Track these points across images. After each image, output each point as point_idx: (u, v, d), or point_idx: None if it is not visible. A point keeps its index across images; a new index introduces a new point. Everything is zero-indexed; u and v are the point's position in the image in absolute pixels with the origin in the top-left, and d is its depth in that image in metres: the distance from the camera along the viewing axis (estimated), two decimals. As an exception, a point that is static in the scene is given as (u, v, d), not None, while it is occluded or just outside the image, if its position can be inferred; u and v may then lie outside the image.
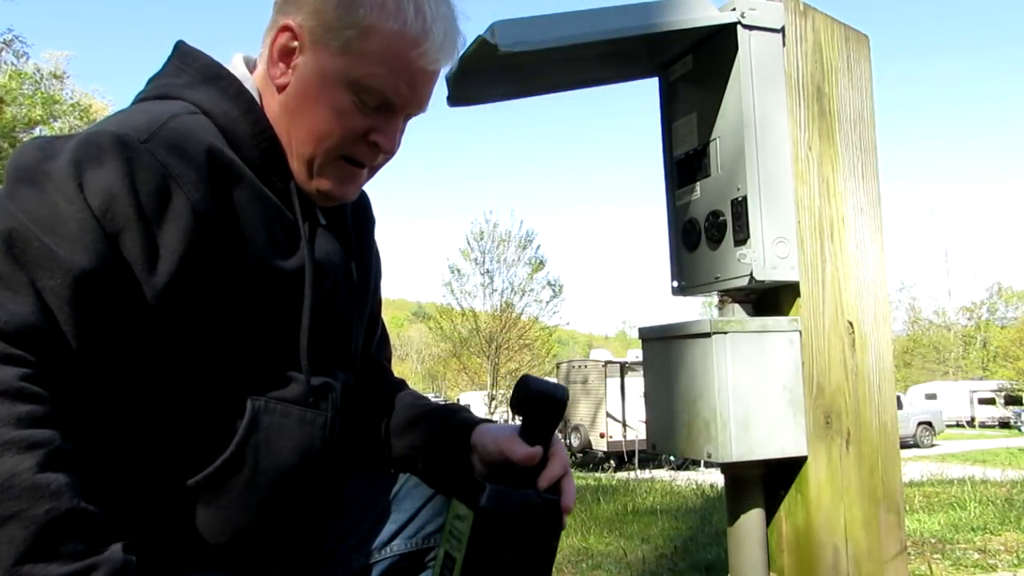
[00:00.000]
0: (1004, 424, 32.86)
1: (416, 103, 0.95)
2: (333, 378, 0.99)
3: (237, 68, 0.96)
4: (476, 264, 24.87)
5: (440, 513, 1.02)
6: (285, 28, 0.89)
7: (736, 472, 1.33)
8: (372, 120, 0.93)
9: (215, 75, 0.91)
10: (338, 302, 1.01)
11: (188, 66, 0.93)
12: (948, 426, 28.36)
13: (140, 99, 0.92)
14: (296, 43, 0.90)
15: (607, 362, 20.17)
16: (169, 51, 0.97)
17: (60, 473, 0.64)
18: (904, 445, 19.35)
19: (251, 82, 0.94)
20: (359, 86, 0.91)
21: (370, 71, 0.90)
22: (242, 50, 1.00)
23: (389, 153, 0.97)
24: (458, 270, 24.93)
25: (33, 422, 0.64)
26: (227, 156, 0.85)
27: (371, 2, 0.88)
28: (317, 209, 0.98)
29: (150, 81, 0.95)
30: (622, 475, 12.25)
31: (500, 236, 26.05)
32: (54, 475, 0.64)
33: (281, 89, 0.92)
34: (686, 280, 1.43)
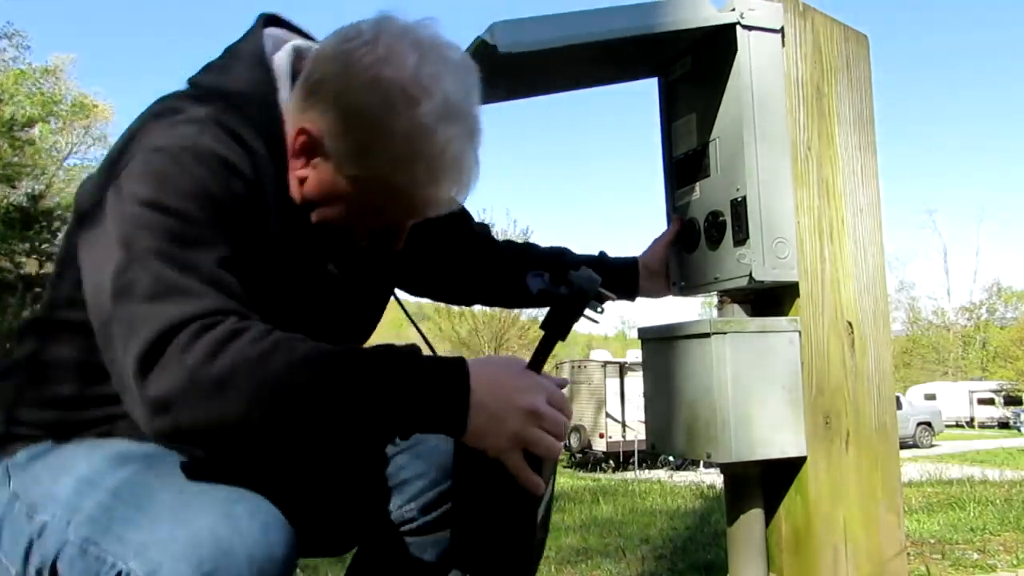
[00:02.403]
0: (1003, 424, 32.88)
1: (420, 219, 1.00)
2: None
3: (281, 68, 0.98)
4: (475, 264, 24.81)
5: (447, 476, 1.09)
6: (304, 131, 0.92)
7: (735, 472, 1.33)
8: (382, 227, 0.99)
9: (261, 80, 0.95)
10: (347, 295, 1.05)
11: (246, 61, 0.97)
12: (947, 426, 28.38)
13: (191, 82, 0.97)
14: (314, 148, 0.93)
15: (607, 362, 20.17)
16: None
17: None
18: (904, 445, 19.36)
19: (284, 93, 0.96)
20: (374, 210, 0.96)
21: (388, 205, 0.95)
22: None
23: (396, 251, 1.03)
24: (457, 270, 24.88)
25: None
26: (256, 149, 0.91)
27: (384, 155, 0.90)
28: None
29: (223, 54, 0.99)
30: (621, 475, 12.24)
31: (496, 236, 25.99)
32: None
33: (301, 180, 0.96)
34: (685, 280, 1.44)
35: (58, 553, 0.80)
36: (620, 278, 1.44)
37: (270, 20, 1.01)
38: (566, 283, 0.87)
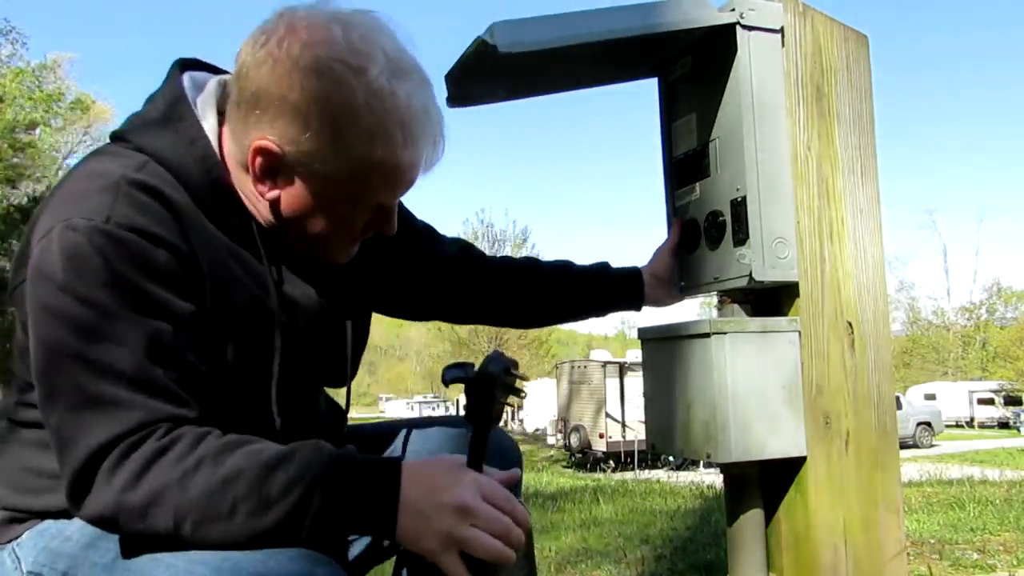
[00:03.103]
0: (1003, 424, 32.87)
1: (408, 190, 0.96)
2: (312, 411, 1.03)
3: (207, 103, 0.93)
4: (474, 264, 24.87)
5: None
6: (263, 149, 0.87)
7: (735, 472, 1.33)
8: (369, 217, 0.95)
9: (179, 117, 0.91)
10: (318, 333, 1.01)
11: (160, 104, 0.93)
12: (947, 426, 28.37)
13: (113, 136, 0.93)
14: (277, 163, 0.88)
15: (607, 362, 20.17)
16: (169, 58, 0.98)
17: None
18: (903, 445, 19.35)
19: (212, 124, 0.91)
20: (355, 202, 0.92)
21: (365, 192, 0.91)
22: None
23: (390, 235, 0.99)
24: (457, 270, 24.93)
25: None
26: (178, 202, 0.86)
27: (357, 132, 0.86)
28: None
29: (144, 103, 0.95)
30: (621, 475, 12.24)
31: (495, 236, 26.03)
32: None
33: (273, 202, 0.91)
34: (685, 280, 1.44)
35: None
36: (623, 288, 1.44)
37: (187, 64, 0.97)
38: (478, 371, 0.84)
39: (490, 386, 0.82)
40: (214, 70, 1.00)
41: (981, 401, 34.45)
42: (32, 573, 0.86)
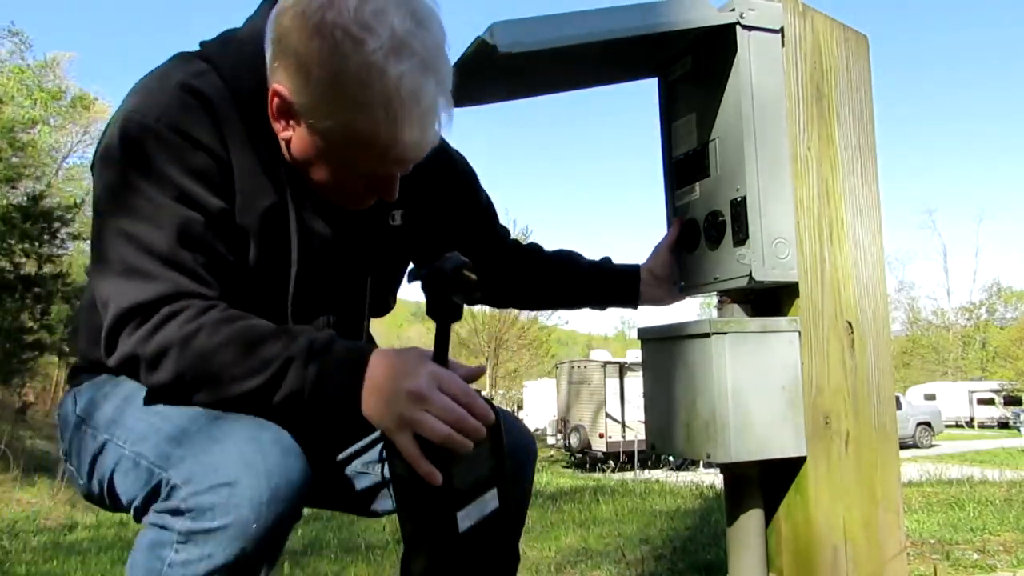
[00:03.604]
0: (1003, 424, 32.86)
1: (407, 167, 1.01)
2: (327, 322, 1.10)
3: (269, 28, 0.98)
4: (474, 264, 24.89)
5: None
6: (275, 93, 0.95)
7: (735, 472, 1.33)
8: (367, 181, 1.01)
9: (250, 42, 0.99)
10: (334, 264, 1.09)
11: (244, 27, 1.03)
12: (947, 426, 28.38)
13: (203, 43, 1.03)
14: (288, 108, 0.96)
15: (606, 362, 20.16)
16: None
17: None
18: (903, 445, 19.35)
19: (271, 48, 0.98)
20: (347, 164, 0.98)
21: (353, 157, 0.97)
22: None
23: (390, 201, 1.05)
24: (457, 270, 24.94)
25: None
26: (224, 112, 0.96)
27: (349, 101, 0.90)
28: None
29: (227, 37, 1.04)
30: (621, 475, 12.24)
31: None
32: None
33: (286, 141, 1.00)
34: (685, 281, 1.44)
35: (115, 466, 0.95)
36: (620, 285, 1.45)
37: None
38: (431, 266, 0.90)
39: (442, 282, 0.87)
40: None
41: (981, 401, 34.45)
42: (79, 416, 1.03)
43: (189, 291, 0.92)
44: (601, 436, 18.40)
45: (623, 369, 18.81)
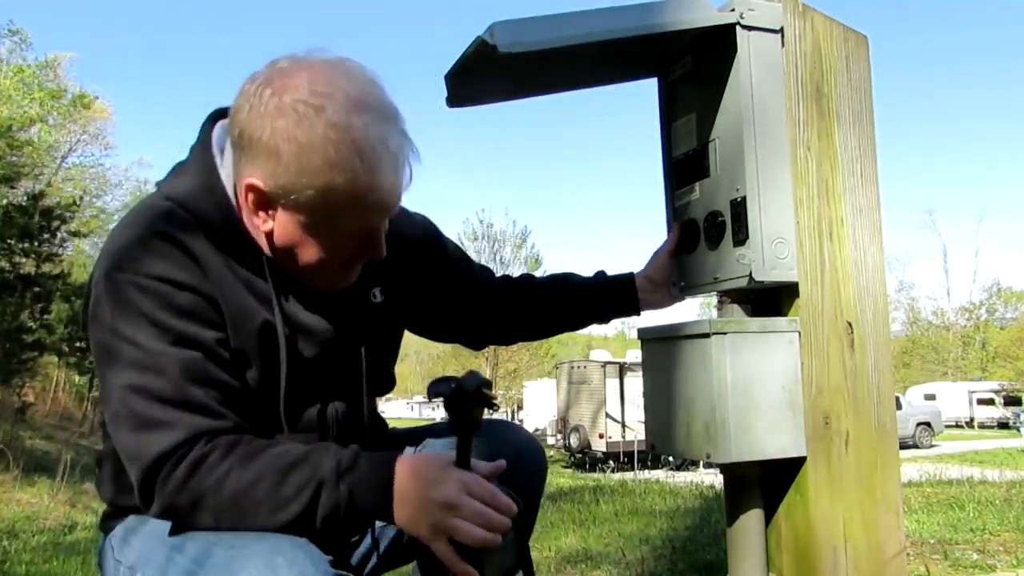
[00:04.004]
0: (1003, 425, 32.86)
1: (390, 214, 1.04)
2: (327, 421, 1.12)
3: (220, 146, 1.05)
4: (473, 264, 24.87)
5: None
6: (252, 186, 0.98)
7: (735, 472, 1.33)
8: (355, 244, 1.03)
9: (202, 166, 1.04)
10: (329, 354, 1.11)
11: (190, 155, 1.07)
12: (947, 427, 28.37)
13: (158, 185, 1.07)
14: (264, 198, 0.99)
15: (606, 362, 20.16)
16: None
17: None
18: (903, 446, 19.34)
19: (227, 168, 1.04)
20: (333, 230, 1.01)
21: (339, 220, 0.99)
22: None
23: (379, 258, 1.08)
24: (456, 270, 24.93)
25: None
26: (196, 247, 1.00)
27: (320, 164, 0.94)
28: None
29: (177, 171, 1.08)
30: (621, 475, 12.24)
31: (495, 236, 26.02)
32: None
33: (267, 234, 1.03)
34: (685, 281, 1.43)
35: None
36: (617, 296, 1.46)
37: (220, 114, 1.08)
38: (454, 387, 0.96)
39: (465, 401, 0.92)
40: None
41: (981, 401, 34.44)
42: (116, 560, 1.05)
43: (206, 429, 0.95)
44: (601, 436, 18.39)
45: (623, 369, 18.80)
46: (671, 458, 14.32)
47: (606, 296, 1.46)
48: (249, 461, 0.93)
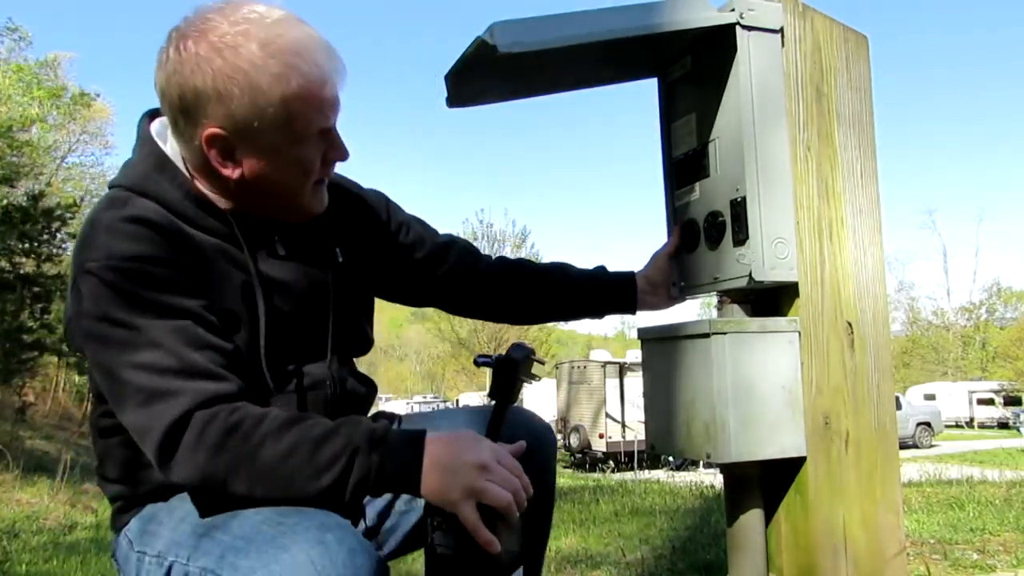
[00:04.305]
0: (1003, 425, 32.85)
1: (339, 106, 1.07)
2: (303, 376, 1.13)
3: (168, 135, 1.08)
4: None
5: None
6: (211, 137, 1.00)
7: (735, 472, 1.33)
8: (322, 149, 1.07)
9: (148, 153, 1.07)
10: (305, 308, 1.14)
11: (135, 150, 1.10)
12: (947, 427, 28.36)
13: (110, 185, 1.08)
14: (227, 143, 1.01)
15: (606, 362, 20.16)
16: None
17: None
18: (903, 446, 19.34)
19: (175, 150, 1.07)
20: (301, 138, 1.03)
21: (303, 124, 1.03)
22: None
23: (346, 159, 1.11)
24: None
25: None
26: (162, 223, 1.01)
27: (269, 79, 0.98)
28: (275, 236, 1.12)
29: (124, 166, 1.10)
30: (621, 475, 12.24)
31: (495, 236, 26.03)
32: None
33: (238, 181, 1.05)
34: (684, 281, 1.44)
35: None
36: (617, 292, 1.47)
37: (155, 113, 1.12)
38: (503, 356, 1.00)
39: (513, 368, 0.96)
40: None
41: (981, 401, 34.43)
42: (138, 552, 1.04)
43: (212, 393, 0.95)
44: (601, 436, 18.39)
45: (623, 369, 18.80)
46: (671, 458, 14.32)
47: (606, 292, 1.47)
48: (282, 432, 0.95)
